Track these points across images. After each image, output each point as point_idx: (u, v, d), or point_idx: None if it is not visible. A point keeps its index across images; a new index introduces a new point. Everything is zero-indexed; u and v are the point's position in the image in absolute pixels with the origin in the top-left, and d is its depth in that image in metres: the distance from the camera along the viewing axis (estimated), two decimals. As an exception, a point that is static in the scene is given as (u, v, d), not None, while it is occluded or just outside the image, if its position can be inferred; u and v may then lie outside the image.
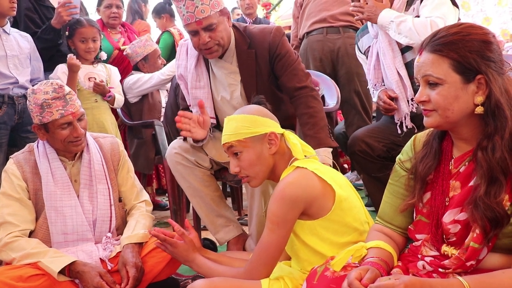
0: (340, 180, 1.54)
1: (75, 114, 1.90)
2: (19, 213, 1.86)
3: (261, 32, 2.19)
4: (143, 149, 3.34)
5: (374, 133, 2.33)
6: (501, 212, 1.15)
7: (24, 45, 2.70)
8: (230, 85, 2.21)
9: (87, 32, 2.92)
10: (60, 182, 1.91)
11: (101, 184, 1.98)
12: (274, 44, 2.14)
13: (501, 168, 1.16)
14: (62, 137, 1.89)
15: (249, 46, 2.17)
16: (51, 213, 1.88)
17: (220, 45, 2.09)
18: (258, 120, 1.56)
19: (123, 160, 2.10)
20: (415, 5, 2.27)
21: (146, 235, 1.93)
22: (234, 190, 3.43)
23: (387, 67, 2.30)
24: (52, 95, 1.86)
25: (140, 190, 2.12)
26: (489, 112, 1.19)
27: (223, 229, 2.18)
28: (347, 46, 3.30)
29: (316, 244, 1.48)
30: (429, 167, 1.30)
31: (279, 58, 2.15)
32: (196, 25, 2.02)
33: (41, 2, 2.95)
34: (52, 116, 1.86)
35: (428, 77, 1.23)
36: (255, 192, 2.01)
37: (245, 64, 2.17)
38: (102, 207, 1.95)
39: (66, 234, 1.89)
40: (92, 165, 1.97)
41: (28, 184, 1.91)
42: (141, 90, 3.30)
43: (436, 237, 1.27)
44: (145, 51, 3.35)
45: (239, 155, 1.56)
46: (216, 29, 2.04)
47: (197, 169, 2.19)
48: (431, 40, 1.25)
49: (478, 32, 1.22)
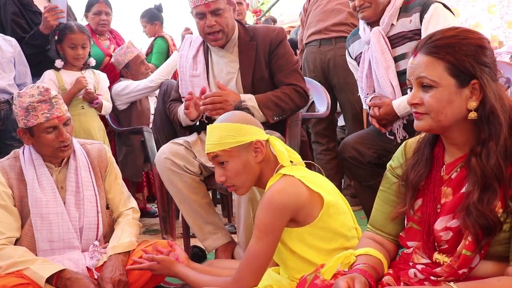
0: (328, 186, 1.54)
1: (61, 118, 1.86)
2: (4, 221, 1.82)
3: (265, 28, 2.37)
4: (132, 157, 3.31)
5: (364, 140, 2.31)
6: (494, 220, 1.14)
7: (6, 49, 2.65)
8: (228, 73, 2.29)
9: (77, 38, 2.88)
10: (46, 189, 1.88)
11: (88, 191, 1.94)
12: (276, 41, 2.27)
13: (495, 175, 1.15)
14: (48, 142, 1.85)
15: (251, 39, 2.29)
16: (36, 220, 1.84)
17: (224, 32, 2.20)
18: (243, 128, 1.53)
19: (110, 167, 2.07)
20: (412, 18, 2.22)
21: (132, 243, 1.90)
22: (224, 197, 3.40)
23: (380, 77, 2.28)
24: (38, 98, 1.83)
25: (127, 197, 2.09)
26: (483, 118, 1.18)
27: (211, 236, 2.16)
28: (337, 57, 3.30)
29: (303, 251, 1.46)
30: (421, 174, 1.29)
31: (278, 56, 2.26)
32: (204, 7, 2.14)
33: (28, 7, 2.92)
34: (37, 120, 1.83)
35: (422, 79, 1.22)
36: (242, 199, 2.00)
37: (245, 54, 2.27)
38: (88, 214, 1.92)
39: (52, 241, 1.85)
40: (79, 172, 1.94)
41: (14, 190, 1.87)
42: (129, 97, 3.28)
43: (427, 244, 1.25)
44: (126, 59, 3.32)
45: (224, 164, 1.53)
46: (223, 14, 2.16)
47: (186, 175, 2.17)
48: (427, 42, 1.23)
49: (474, 36, 1.21)
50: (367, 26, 2.35)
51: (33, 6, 2.95)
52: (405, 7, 2.27)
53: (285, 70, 2.27)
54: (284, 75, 2.27)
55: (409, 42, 2.23)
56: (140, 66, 3.37)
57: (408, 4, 2.28)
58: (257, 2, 11.68)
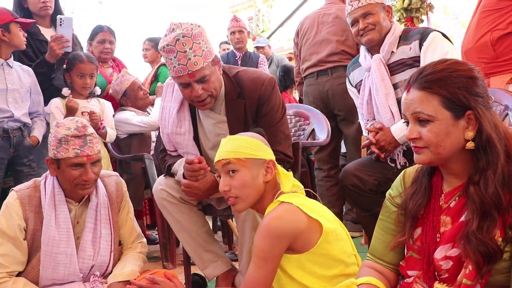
0: (326, 213, 1.53)
1: (91, 157, 1.84)
2: (10, 254, 1.80)
3: (253, 82, 2.08)
4: (132, 185, 3.30)
5: (365, 167, 2.31)
6: (494, 248, 1.14)
7: (25, 80, 2.73)
8: (218, 134, 2.11)
9: (86, 68, 2.93)
10: (62, 227, 1.84)
11: (105, 229, 1.93)
12: (264, 98, 2.05)
13: (494, 203, 1.16)
14: (71, 178, 1.83)
15: (239, 95, 2.07)
16: (45, 258, 1.82)
17: (213, 96, 2.00)
18: (260, 145, 1.57)
19: (125, 201, 2.07)
20: (412, 45, 2.27)
21: (133, 272, 1.89)
22: (224, 224, 3.38)
23: (380, 104, 2.30)
24: (73, 133, 1.82)
25: (138, 234, 2.09)
26: (481, 147, 1.20)
27: (211, 264, 2.13)
28: (334, 86, 3.35)
29: (302, 277, 1.46)
30: (420, 204, 1.30)
31: (262, 114, 2.07)
32: (188, 77, 1.92)
33: (34, 35, 2.98)
34: (66, 153, 1.81)
35: (418, 114, 1.23)
36: (245, 228, 1.98)
37: (233, 114, 2.07)
38: (103, 253, 1.91)
39: (55, 279, 1.84)
40: (99, 209, 1.93)
41: (28, 224, 1.84)
42: (129, 130, 3.31)
43: (428, 273, 1.25)
44: (123, 87, 3.34)
45: (234, 173, 1.53)
46: (209, 80, 1.95)
47: (182, 205, 2.14)
48: (418, 77, 1.26)
49: (464, 68, 1.24)
50: (367, 54, 2.39)
51: (39, 35, 3.02)
52: (404, 36, 2.32)
53: (270, 131, 1.98)
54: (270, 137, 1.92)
55: (409, 69, 2.26)
56: (137, 92, 3.38)
57: (408, 33, 2.33)
58: (258, 30, 11.85)
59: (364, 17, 2.32)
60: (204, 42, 1.93)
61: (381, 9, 2.34)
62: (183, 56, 1.88)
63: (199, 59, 1.90)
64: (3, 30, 2.60)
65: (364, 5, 2.32)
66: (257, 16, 12.54)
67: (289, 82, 4.99)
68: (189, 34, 1.88)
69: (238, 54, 4.88)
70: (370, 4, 2.32)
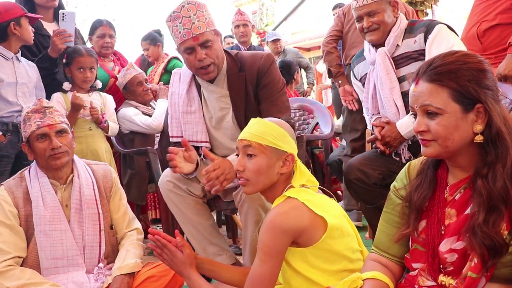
0: (333, 209, 1.52)
1: (52, 126, 1.91)
2: (10, 240, 1.83)
3: (252, 56, 2.22)
4: (136, 180, 3.31)
5: (369, 161, 2.30)
6: (500, 241, 1.13)
7: (32, 74, 2.73)
8: (222, 108, 2.21)
9: (85, 61, 2.93)
10: (50, 206, 1.88)
11: (90, 209, 1.95)
12: (263, 70, 2.17)
13: (502, 197, 1.15)
14: (40, 151, 1.90)
15: (240, 69, 2.19)
16: (40, 238, 1.85)
17: (215, 64, 2.10)
18: (286, 137, 1.56)
19: (115, 188, 2.08)
20: (416, 38, 2.24)
21: (137, 264, 1.89)
22: (228, 218, 3.39)
23: (384, 98, 2.29)
24: (31, 108, 1.93)
25: (132, 218, 2.09)
26: (490, 141, 1.19)
27: (215, 258, 2.14)
28: None
29: (306, 271, 1.46)
30: (424, 196, 1.29)
31: (263, 85, 2.17)
32: (192, 40, 2.04)
33: (37, 30, 2.96)
34: (30, 129, 1.90)
35: (427, 107, 1.22)
36: (248, 221, 1.99)
37: (235, 87, 2.18)
38: (90, 233, 1.92)
39: (56, 259, 1.85)
40: (82, 190, 1.95)
41: (19, 210, 1.88)
42: (130, 128, 3.32)
43: (432, 266, 1.25)
44: (124, 81, 3.34)
45: (251, 157, 1.53)
46: (212, 46, 2.07)
47: (189, 197, 2.17)
48: (428, 69, 1.24)
49: (474, 60, 1.22)
50: (372, 47, 2.37)
51: (42, 29, 3.01)
52: (410, 29, 2.29)
53: (270, 100, 2.17)
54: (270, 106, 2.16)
55: (414, 63, 2.23)
56: (137, 87, 3.36)
57: (413, 25, 2.30)
58: (262, 24, 11.84)
59: (368, 15, 2.28)
60: (207, 13, 2.09)
61: (387, 6, 2.28)
62: (187, 21, 2.03)
63: (202, 24, 2.05)
64: (14, 23, 2.61)
65: (370, 3, 2.27)
66: (260, 10, 12.53)
67: (289, 77, 4.96)
68: (194, 2, 2.06)
69: (242, 48, 4.87)
70: (375, 1, 2.26)
